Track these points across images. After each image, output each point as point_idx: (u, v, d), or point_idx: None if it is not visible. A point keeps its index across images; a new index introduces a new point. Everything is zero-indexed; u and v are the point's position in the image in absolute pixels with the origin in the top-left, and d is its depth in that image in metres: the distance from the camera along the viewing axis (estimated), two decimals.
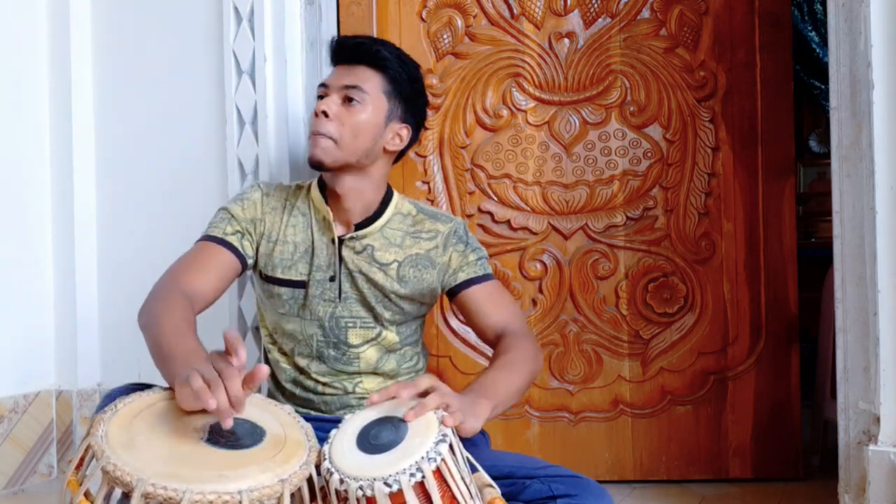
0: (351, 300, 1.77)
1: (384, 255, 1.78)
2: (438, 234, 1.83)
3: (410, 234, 1.82)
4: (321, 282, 1.77)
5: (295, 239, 1.79)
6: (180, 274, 1.70)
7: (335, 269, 1.76)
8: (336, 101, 1.75)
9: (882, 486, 1.87)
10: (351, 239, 1.77)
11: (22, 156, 2.54)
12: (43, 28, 2.58)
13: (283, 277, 1.77)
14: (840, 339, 1.99)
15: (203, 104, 2.47)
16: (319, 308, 1.77)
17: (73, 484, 1.25)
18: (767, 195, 2.42)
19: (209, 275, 1.72)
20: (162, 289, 1.66)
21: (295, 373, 1.81)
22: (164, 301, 1.60)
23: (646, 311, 2.45)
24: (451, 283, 1.82)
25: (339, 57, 1.81)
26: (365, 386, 1.79)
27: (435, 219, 1.85)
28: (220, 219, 1.80)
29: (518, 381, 1.65)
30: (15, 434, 2.45)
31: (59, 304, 2.59)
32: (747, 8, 2.42)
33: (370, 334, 1.79)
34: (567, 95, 2.45)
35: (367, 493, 1.24)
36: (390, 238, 1.80)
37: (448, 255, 1.82)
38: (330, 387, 1.78)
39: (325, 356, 1.78)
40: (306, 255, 1.77)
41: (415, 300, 1.81)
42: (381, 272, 1.77)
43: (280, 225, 1.80)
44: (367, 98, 1.75)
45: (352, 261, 1.77)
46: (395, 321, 1.80)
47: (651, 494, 2.35)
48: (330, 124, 1.73)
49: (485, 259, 1.86)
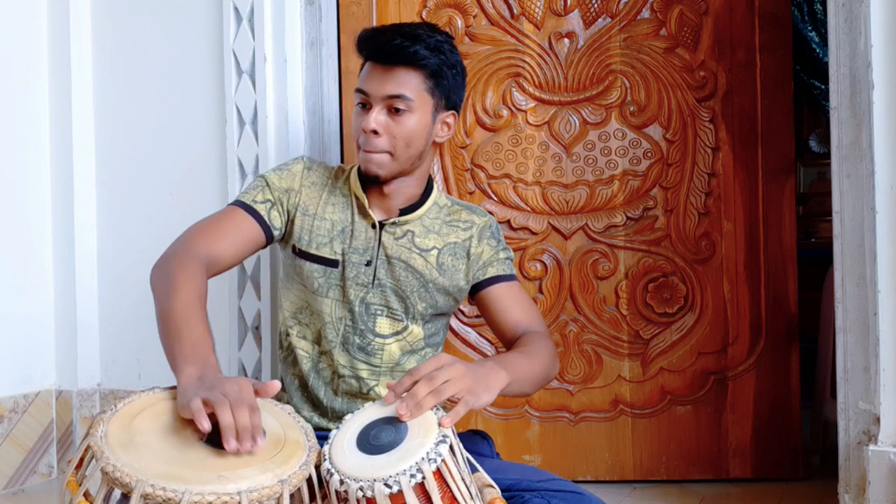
0: (385, 287, 1.75)
1: (424, 241, 1.77)
2: (474, 225, 1.82)
3: (447, 223, 1.81)
4: (357, 265, 1.74)
5: (333, 217, 1.76)
6: (199, 235, 1.67)
7: (373, 254, 1.74)
8: (381, 113, 1.68)
9: (882, 486, 1.87)
10: (392, 224, 1.75)
11: (22, 156, 2.54)
12: (43, 28, 2.58)
13: (316, 254, 1.74)
14: (840, 339, 1.99)
15: (203, 104, 2.47)
16: (351, 291, 1.74)
17: (73, 484, 1.25)
18: (767, 195, 2.42)
19: (229, 240, 1.69)
20: (178, 250, 1.62)
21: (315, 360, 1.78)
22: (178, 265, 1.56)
23: (646, 311, 2.45)
24: (480, 277, 1.80)
25: (375, 57, 1.72)
26: (379, 390, 1.76)
27: (471, 211, 1.86)
28: (253, 186, 1.77)
29: (536, 369, 1.63)
30: (15, 434, 2.45)
31: (59, 304, 2.59)
32: (747, 8, 2.42)
33: (398, 326, 1.76)
34: (567, 95, 2.45)
35: (367, 495, 1.24)
36: (429, 226, 1.79)
37: (482, 247, 1.81)
38: (345, 382, 1.75)
39: (349, 343, 1.75)
40: (342, 235, 1.75)
41: (449, 292, 1.79)
42: (422, 258, 1.76)
43: (319, 201, 1.77)
44: (412, 104, 1.68)
45: (391, 246, 1.75)
46: (425, 316, 1.78)
47: (651, 494, 2.35)
48: (380, 140, 1.68)
49: (512, 260, 1.86)
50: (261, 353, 2.37)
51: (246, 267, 2.38)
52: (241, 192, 1.78)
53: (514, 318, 1.77)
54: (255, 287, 2.38)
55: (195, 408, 1.27)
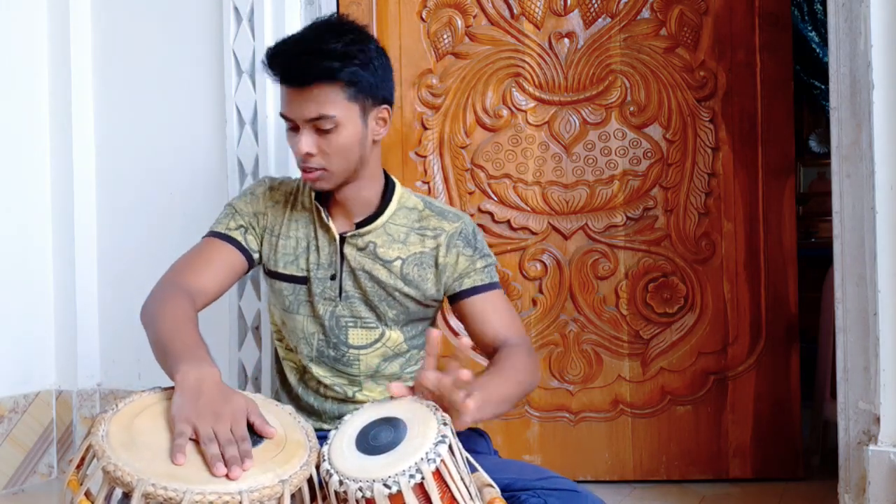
0: (353, 299, 1.74)
1: (387, 251, 1.74)
2: (442, 234, 1.76)
3: (415, 230, 1.76)
4: (322, 280, 1.74)
5: (297, 234, 1.76)
6: (182, 271, 1.68)
7: (336, 268, 1.74)
8: (310, 135, 1.64)
9: (882, 486, 1.87)
10: (353, 236, 1.74)
11: (22, 156, 2.54)
12: (43, 29, 2.58)
13: (284, 272, 1.75)
14: (840, 339, 1.99)
15: (203, 104, 2.47)
16: (320, 306, 1.74)
17: (74, 483, 1.25)
18: (767, 195, 2.42)
19: (211, 271, 1.70)
20: (163, 286, 1.65)
21: (300, 371, 1.79)
22: (164, 298, 1.59)
23: (646, 311, 2.45)
24: (456, 289, 1.76)
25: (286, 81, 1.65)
26: (366, 393, 1.75)
27: (441, 216, 1.79)
28: (224, 214, 1.78)
29: (509, 389, 1.58)
30: (15, 434, 2.45)
31: (59, 304, 2.59)
32: (747, 8, 2.42)
33: (372, 335, 1.76)
34: (567, 95, 2.45)
35: (366, 495, 1.23)
36: (393, 234, 1.75)
37: (452, 256, 1.76)
38: (331, 390, 1.76)
39: (324, 356, 1.76)
40: (307, 251, 1.75)
41: (419, 300, 1.77)
42: (385, 269, 1.74)
43: (282, 219, 1.77)
44: (337, 119, 1.63)
45: (354, 258, 1.74)
46: (400, 321, 1.77)
47: (651, 494, 2.35)
48: (315, 160, 1.65)
49: (493, 266, 1.79)
50: (261, 353, 2.37)
51: None
52: (214, 223, 1.77)
53: (492, 330, 1.73)
54: (254, 287, 2.38)
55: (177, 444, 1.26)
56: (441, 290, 1.77)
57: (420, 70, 2.46)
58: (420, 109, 2.47)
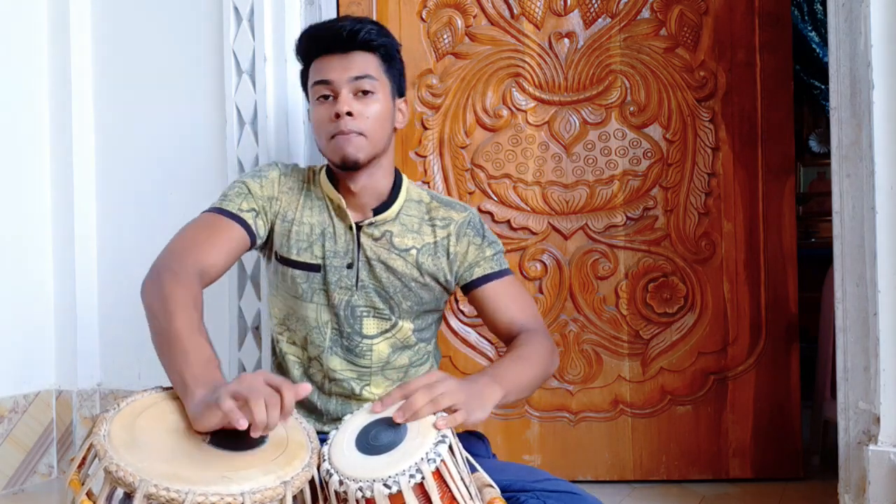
0: (368, 289, 1.74)
1: (403, 240, 1.75)
2: (452, 223, 1.79)
3: (426, 221, 1.78)
4: (338, 268, 1.73)
5: (311, 220, 1.75)
6: (192, 247, 1.64)
7: (353, 257, 1.73)
8: (350, 97, 1.69)
9: (882, 486, 1.88)
10: (370, 225, 1.74)
11: (22, 155, 2.54)
12: (43, 29, 2.58)
13: (298, 259, 1.73)
14: (840, 339, 1.99)
15: (203, 104, 2.47)
16: (335, 295, 1.73)
17: (76, 483, 1.25)
18: (767, 195, 2.42)
19: (221, 250, 1.67)
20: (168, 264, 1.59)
21: (305, 365, 1.77)
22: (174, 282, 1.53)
23: (646, 311, 2.45)
24: (467, 278, 1.78)
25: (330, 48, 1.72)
26: (372, 389, 1.75)
27: (449, 207, 1.81)
28: (236, 192, 1.74)
29: (531, 374, 1.61)
30: (15, 434, 2.45)
31: (59, 304, 2.59)
32: (747, 8, 2.42)
33: (385, 325, 1.75)
34: (567, 95, 2.45)
35: (366, 495, 1.24)
36: (407, 224, 1.77)
37: (463, 245, 1.78)
38: (338, 385, 1.75)
39: (338, 346, 1.75)
40: (322, 238, 1.74)
41: (432, 289, 1.78)
42: (401, 259, 1.74)
43: (296, 206, 1.76)
44: (377, 85, 1.71)
45: (370, 248, 1.74)
46: (413, 312, 1.77)
47: (651, 494, 2.35)
48: (355, 122, 1.68)
49: (501, 253, 1.82)
50: (261, 353, 2.37)
51: (246, 267, 2.37)
52: (222, 197, 1.74)
53: (507, 316, 1.75)
54: (254, 287, 2.38)
55: (227, 408, 1.25)
56: (452, 281, 1.79)
57: (420, 70, 2.47)
58: (420, 109, 2.47)
